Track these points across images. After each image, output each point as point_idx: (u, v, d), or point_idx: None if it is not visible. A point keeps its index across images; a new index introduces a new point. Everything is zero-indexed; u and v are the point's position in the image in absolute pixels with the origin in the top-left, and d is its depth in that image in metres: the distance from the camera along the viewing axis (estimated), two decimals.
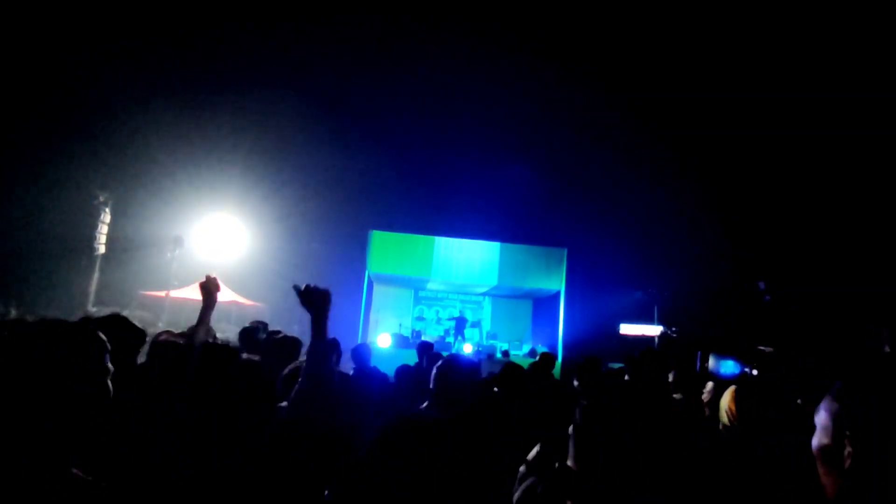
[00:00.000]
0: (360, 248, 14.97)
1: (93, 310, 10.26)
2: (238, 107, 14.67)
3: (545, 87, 14.57)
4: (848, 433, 0.76)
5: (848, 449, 0.76)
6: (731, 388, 2.01)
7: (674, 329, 12.30)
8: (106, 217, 12.74)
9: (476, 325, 15.40)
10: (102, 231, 12.49)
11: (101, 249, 12.42)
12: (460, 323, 13.91)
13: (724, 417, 1.98)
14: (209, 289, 2.63)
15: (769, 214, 14.81)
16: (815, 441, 0.83)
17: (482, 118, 16.28)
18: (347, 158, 15.27)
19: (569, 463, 0.98)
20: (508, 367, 3.41)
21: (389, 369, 4.45)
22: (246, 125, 14.93)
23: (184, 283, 12.74)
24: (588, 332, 14.45)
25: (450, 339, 13.47)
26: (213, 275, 2.69)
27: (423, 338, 13.86)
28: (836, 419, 0.79)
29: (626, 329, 15.23)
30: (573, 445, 0.98)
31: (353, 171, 15.32)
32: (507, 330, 15.82)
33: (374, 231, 14.78)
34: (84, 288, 12.38)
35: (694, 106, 14.33)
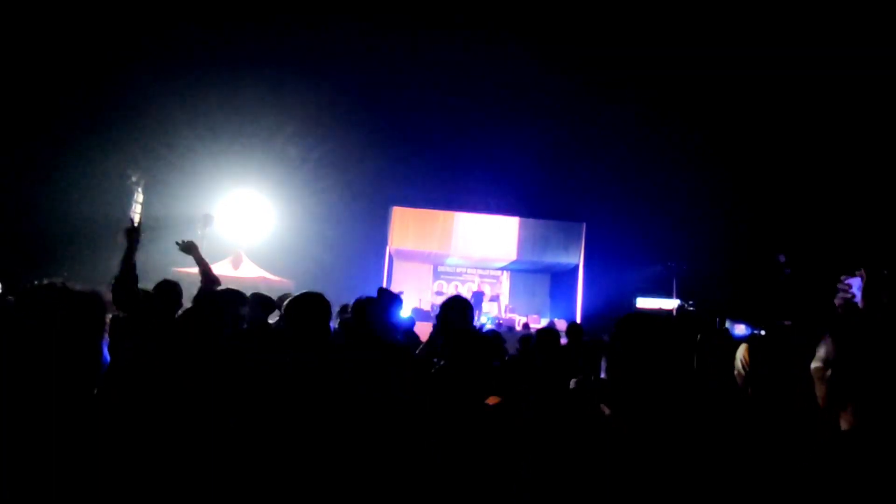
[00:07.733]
0: (381, 224, 15.31)
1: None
2: (262, 87, 14.94)
3: (564, 62, 14.41)
4: (830, 361, 1.23)
5: (828, 371, 1.22)
6: (744, 344, 2.33)
7: (691, 302, 12.38)
8: (139, 197, 13.33)
9: (494, 299, 15.71)
10: (137, 211, 13.06)
11: None
12: (478, 297, 14.23)
13: (738, 365, 2.31)
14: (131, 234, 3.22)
15: (790, 187, 14.54)
16: (812, 365, 1.28)
17: (501, 93, 16.23)
18: (369, 135, 15.49)
19: (602, 376, 1.45)
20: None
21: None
22: (270, 104, 15.21)
23: (214, 260, 13.31)
24: (606, 305, 14.61)
25: None
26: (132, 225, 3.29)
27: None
28: (826, 353, 1.25)
29: (643, 303, 15.34)
30: (606, 363, 1.47)
31: (376, 147, 15.54)
32: (525, 304, 16.10)
33: (396, 207, 15.08)
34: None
35: (713, 79, 14.02)
